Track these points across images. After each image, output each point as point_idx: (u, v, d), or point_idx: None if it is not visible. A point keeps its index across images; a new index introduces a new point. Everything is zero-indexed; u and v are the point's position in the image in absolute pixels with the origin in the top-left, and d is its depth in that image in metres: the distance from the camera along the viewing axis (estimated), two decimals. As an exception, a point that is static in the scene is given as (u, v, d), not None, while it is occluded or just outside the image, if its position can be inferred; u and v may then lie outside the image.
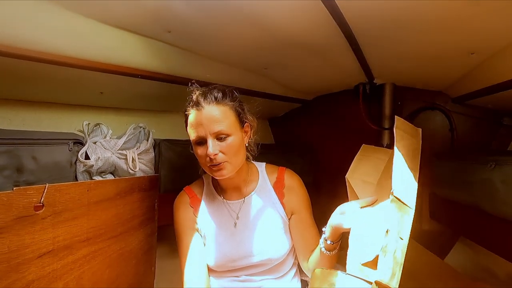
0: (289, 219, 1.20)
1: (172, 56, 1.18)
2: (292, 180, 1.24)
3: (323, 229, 1.03)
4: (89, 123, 1.27)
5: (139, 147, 1.33)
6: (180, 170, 1.46)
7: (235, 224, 1.17)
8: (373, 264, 0.79)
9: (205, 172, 1.21)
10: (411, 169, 0.84)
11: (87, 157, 1.17)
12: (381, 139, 1.76)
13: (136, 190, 1.21)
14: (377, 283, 0.74)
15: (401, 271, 0.74)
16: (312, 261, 1.13)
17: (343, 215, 0.97)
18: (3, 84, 1.07)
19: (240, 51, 1.23)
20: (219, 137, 1.03)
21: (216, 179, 1.16)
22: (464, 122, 1.68)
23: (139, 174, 1.32)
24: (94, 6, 0.86)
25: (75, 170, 1.16)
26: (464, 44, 1.08)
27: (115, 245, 1.10)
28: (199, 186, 1.26)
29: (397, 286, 0.74)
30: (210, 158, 1.02)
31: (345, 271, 0.82)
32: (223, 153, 1.04)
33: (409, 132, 0.92)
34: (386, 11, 0.91)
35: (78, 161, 1.15)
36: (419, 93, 1.73)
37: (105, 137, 1.27)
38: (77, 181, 1.15)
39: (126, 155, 1.27)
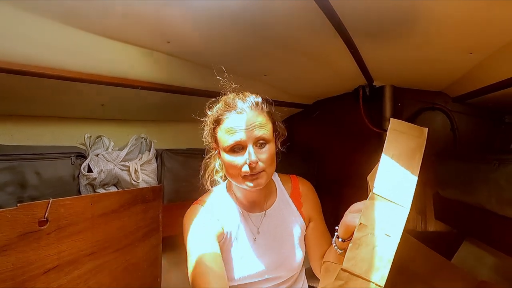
0: (306, 227, 1.19)
1: (172, 66, 1.18)
2: (306, 188, 1.23)
3: (336, 227, 1.02)
4: (90, 136, 1.27)
5: (141, 158, 1.33)
6: (183, 180, 1.45)
7: (255, 239, 1.12)
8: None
9: (212, 185, 1.18)
10: (407, 168, 0.84)
11: (89, 170, 1.17)
12: (382, 141, 1.75)
13: (139, 201, 1.21)
14: (343, 269, 0.76)
15: (388, 268, 0.75)
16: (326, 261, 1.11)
17: (354, 214, 0.96)
18: (4, 100, 1.08)
19: (239, 59, 1.23)
20: (260, 143, 0.98)
21: (238, 191, 1.12)
22: (465, 122, 1.68)
23: (142, 185, 1.31)
24: (92, 20, 0.87)
25: (78, 184, 1.16)
26: (463, 44, 1.08)
27: (120, 258, 1.10)
28: (215, 198, 1.14)
29: (383, 283, 0.74)
30: (250, 166, 0.96)
31: None
32: (261, 161, 0.98)
33: (408, 132, 0.92)
34: (383, 12, 0.91)
35: (81, 174, 1.15)
36: (419, 94, 1.73)
37: (107, 149, 1.27)
38: (81, 194, 1.15)
39: (128, 167, 1.27)
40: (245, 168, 0.97)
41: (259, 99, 1.03)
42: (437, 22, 0.95)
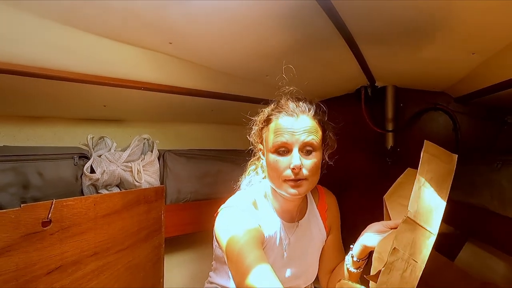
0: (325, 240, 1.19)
1: (174, 67, 1.18)
2: (331, 200, 1.22)
3: (351, 245, 1.02)
4: (93, 137, 1.27)
5: (144, 158, 1.33)
6: (186, 181, 1.46)
7: (285, 248, 1.08)
8: (376, 278, 0.80)
9: (246, 184, 1.16)
10: (438, 194, 0.84)
11: (92, 171, 1.17)
12: (385, 141, 1.76)
13: (142, 202, 1.21)
14: None
15: None
16: (335, 279, 1.11)
17: (371, 234, 0.96)
18: (7, 101, 1.08)
19: (241, 60, 1.23)
20: (306, 149, 0.96)
21: (274, 198, 1.09)
22: (467, 122, 1.67)
23: (144, 185, 1.32)
24: (94, 20, 0.87)
25: (81, 184, 1.16)
26: (465, 44, 1.08)
27: (123, 258, 1.10)
28: (251, 201, 1.06)
29: None
30: (293, 171, 0.93)
31: None
32: (305, 168, 0.95)
33: (439, 156, 0.91)
34: (385, 13, 0.91)
35: (83, 175, 1.15)
36: (421, 94, 1.73)
37: (109, 150, 1.27)
38: (83, 195, 1.15)
39: (131, 167, 1.27)
40: (288, 172, 0.95)
41: (313, 105, 1.01)
42: (439, 23, 0.95)
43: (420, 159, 0.89)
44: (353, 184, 1.92)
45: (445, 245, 1.67)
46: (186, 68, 1.22)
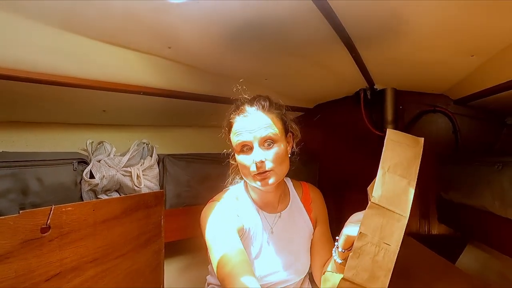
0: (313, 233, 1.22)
1: (173, 71, 1.18)
2: (315, 194, 1.27)
3: (337, 237, 1.03)
4: (92, 142, 1.27)
5: (143, 163, 1.33)
6: (185, 185, 1.45)
7: (268, 239, 1.14)
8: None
9: (231, 183, 1.23)
10: (405, 177, 0.85)
11: (91, 176, 1.16)
12: (383, 144, 1.75)
13: (141, 207, 1.20)
14: (344, 279, 0.77)
15: (388, 277, 0.76)
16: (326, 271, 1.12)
17: (354, 224, 0.96)
18: (5, 106, 1.08)
19: (240, 63, 1.23)
20: (266, 143, 1.02)
21: (253, 191, 1.16)
22: (467, 124, 1.68)
23: (144, 190, 1.31)
24: (93, 25, 0.87)
25: (80, 190, 1.15)
26: (464, 46, 1.08)
27: (122, 264, 1.09)
28: (233, 195, 1.17)
29: None
30: (256, 165, 1.00)
31: None
32: (269, 161, 1.01)
33: (404, 141, 0.93)
34: (384, 16, 0.91)
35: (83, 180, 1.15)
36: (421, 97, 1.73)
37: (108, 155, 1.27)
38: (83, 200, 1.15)
39: (130, 172, 1.27)
40: (253, 168, 1.01)
41: (266, 101, 1.07)
42: (438, 25, 0.95)
43: (384, 147, 0.90)
44: (352, 186, 1.92)
45: (446, 247, 1.66)
46: (186, 72, 1.22)
